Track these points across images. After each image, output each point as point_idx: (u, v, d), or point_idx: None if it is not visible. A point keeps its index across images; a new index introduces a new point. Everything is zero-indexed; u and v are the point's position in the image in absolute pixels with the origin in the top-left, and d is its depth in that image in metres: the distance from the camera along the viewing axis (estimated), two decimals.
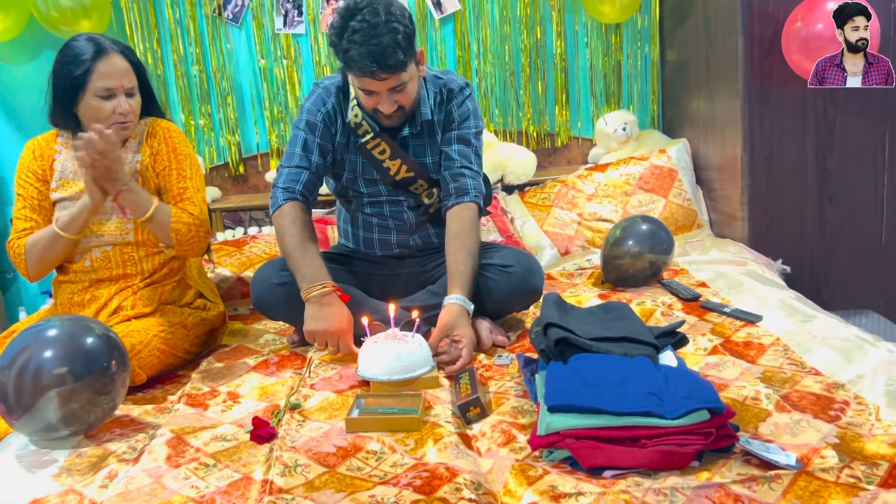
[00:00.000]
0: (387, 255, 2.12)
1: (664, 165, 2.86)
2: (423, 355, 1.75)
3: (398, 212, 2.08)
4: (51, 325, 1.57)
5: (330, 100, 1.99)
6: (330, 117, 1.99)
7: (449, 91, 2.02)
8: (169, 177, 1.97)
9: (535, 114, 3.11)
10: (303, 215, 1.95)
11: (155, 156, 1.97)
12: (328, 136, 2.00)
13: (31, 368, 1.49)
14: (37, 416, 1.50)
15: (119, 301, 1.93)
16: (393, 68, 1.78)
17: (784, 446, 1.33)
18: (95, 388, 1.53)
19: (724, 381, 1.62)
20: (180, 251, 1.95)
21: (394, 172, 2.01)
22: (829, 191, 2.58)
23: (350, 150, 2.03)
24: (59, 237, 1.87)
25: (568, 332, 1.54)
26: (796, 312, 1.99)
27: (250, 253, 2.60)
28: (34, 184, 1.94)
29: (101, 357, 1.54)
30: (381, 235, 2.11)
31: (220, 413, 1.69)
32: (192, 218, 1.93)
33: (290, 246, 1.91)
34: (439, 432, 1.47)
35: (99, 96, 1.85)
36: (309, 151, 1.98)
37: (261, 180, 3.06)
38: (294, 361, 1.96)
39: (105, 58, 1.85)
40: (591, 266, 2.60)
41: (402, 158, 2.00)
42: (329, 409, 1.64)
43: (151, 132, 1.99)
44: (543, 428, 1.36)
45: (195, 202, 1.96)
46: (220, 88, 3.00)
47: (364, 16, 1.74)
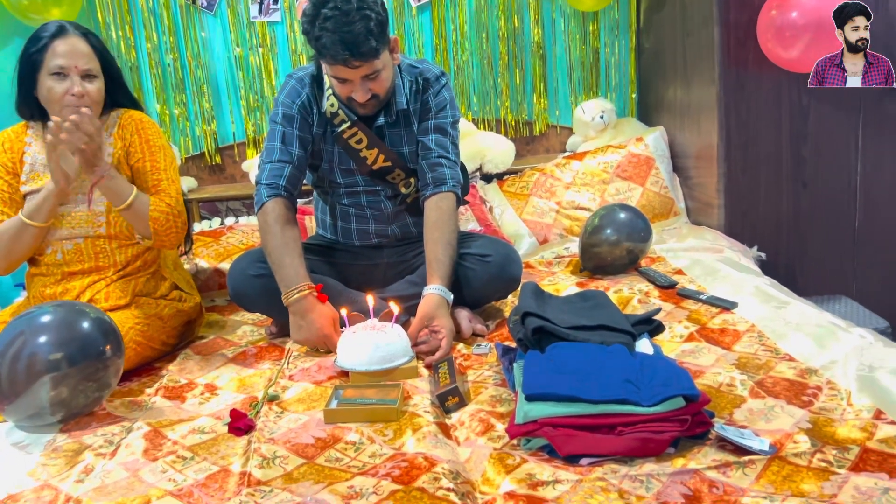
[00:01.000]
0: (365, 246, 2.12)
1: (641, 154, 2.87)
2: (402, 346, 1.75)
3: (375, 202, 2.07)
4: (45, 311, 1.56)
5: (304, 90, 1.98)
6: (306, 108, 1.98)
7: (425, 80, 2.01)
8: (143, 168, 1.94)
9: (513, 102, 3.11)
10: (286, 212, 1.95)
11: (127, 147, 1.94)
12: (306, 126, 1.99)
13: (26, 354, 1.49)
14: (28, 401, 1.50)
15: (92, 294, 1.91)
16: (365, 56, 1.77)
17: (758, 432, 1.35)
18: (87, 374, 1.53)
19: (699, 368, 1.64)
20: (157, 242, 1.93)
21: (371, 162, 2.00)
22: (803, 178, 2.61)
23: (327, 140, 2.02)
24: (27, 226, 1.84)
25: (545, 321, 1.55)
26: (771, 299, 2.01)
27: (227, 244, 2.58)
28: (4, 177, 1.91)
29: (96, 342, 1.55)
30: (358, 225, 2.10)
31: (197, 405, 1.68)
32: (169, 208, 1.91)
33: (270, 245, 1.91)
34: (418, 422, 1.47)
35: (52, 75, 1.81)
36: (289, 144, 1.96)
37: (237, 170, 3.04)
38: (272, 353, 1.96)
39: (63, 37, 1.82)
40: (569, 254, 2.61)
41: (379, 148, 1.99)
42: (308, 401, 1.63)
43: (123, 123, 1.96)
44: (521, 416, 1.37)
45: (171, 193, 1.94)
46: (195, 77, 2.96)
47: (336, 3, 1.73)
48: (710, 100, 2.58)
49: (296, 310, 1.86)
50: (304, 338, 1.87)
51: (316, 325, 1.85)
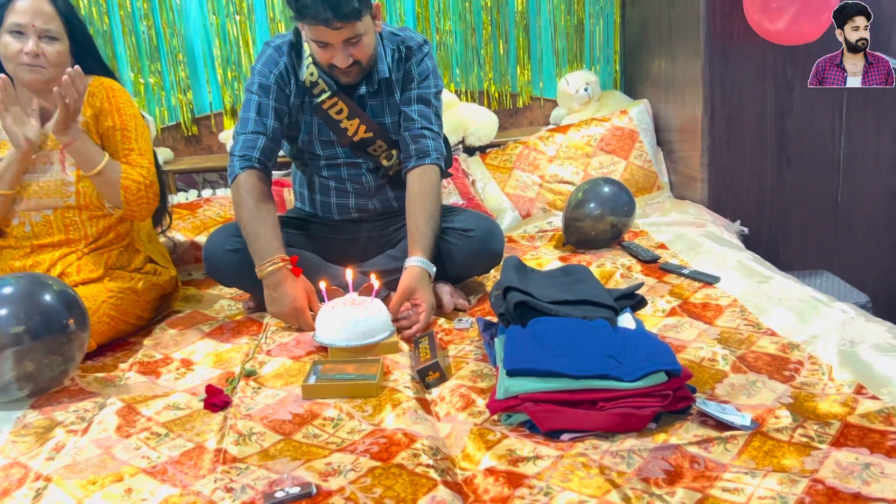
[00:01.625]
0: (345, 220, 2.08)
1: (625, 127, 2.84)
2: (382, 320, 1.72)
3: (356, 175, 2.03)
4: (6, 283, 1.52)
5: (282, 59, 1.93)
6: (283, 78, 1.93)
7: (407, 49, 1.96)
8: (113, 138, 1.89)
9: (496, 73, 3.06)
10: (260, 184, 1.90)
11: (98, 116, 1.89)
12: (283, 97, 1.93)
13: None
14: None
15: (62, 267, 1.86)
16: (347, 17, 1.72)
17: (740, 407, 1.34)
18: (51, 347, 1.49)
19: (681, 343, 1.63)
20: (128, 212, 1.88)
21: (352, 133, 1.96)
22: (787, 152, 2.59)
23: (305, 111, 1.97)
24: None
25: (527, 296, 1.53)
26: (753, 273, 2.00)
27: (204, 216, 2.53)
28: None
29: (59, 314, 1.51)
30: (338, 199, 2.06)
31: (172, 381, 1.65)
32: (141, 177, 1.86)
33: (244, 217, 1.87)
34: (398, 398, 1.45)
35: (9, 32, 1.75)
36: (264, 115, 1.92)
37: (214, 141, 2.97)
38: (250, 327, 1.92)
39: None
40: (552, 228, 2.59)
41: (360, 118, 1.94)
42: (285, 376, 1.61)
43: (93, 91, 1.90)
44: (502, 392, 1.35)
45: (142, 164, 1.89)
46: (171, 45, 2.88)
47: None
48: (695, 72, 2.55)
49: (269, 282, 1.82)
50: (277, 311, 1.83)
51: (289, 298, 1.81)
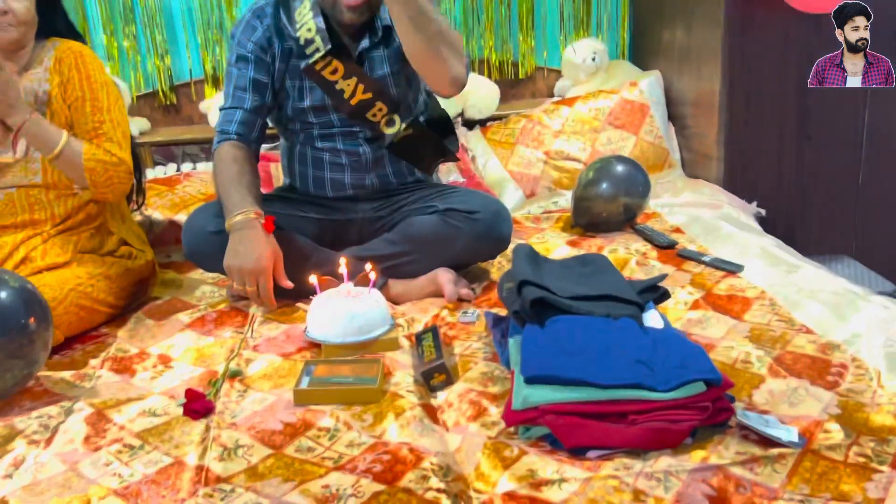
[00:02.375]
0: (339, 197, 1.91)
1: (635, 100, 2.67)
2: (381, 313, 1.57)
3: (353, 145, 1.86)
4: None
5: (264, 22, 1.78)
6: (262, 46, 1.77)
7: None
8: (82, 109, 1.71)
9: (497, 41, 2.88)
10: (237, 152, 1.76)
11: (65, 84, 1.71)
12: (262, 66, 1.78)
13: None
14: None
15: (26, 251, 1.68)
16: None
17: (783, 418, 1.20)
18: (9, 351, 1.32)
19: (709, 341, 1.49)
20: (97, 194, 1.71)
21: (349, 95, 1.78)
22: (807, 129, 2.44)
23: (293, 75, 1.80)
24: None
25: (545, 291, 1.37)
26: (779, 262, 1.86)
27: (184, 193, 2.35)
28: None
29: (16, 314, 1.33)
30: (332, 174, 1.88)
31: (149, 381, 1.49)
32: (108, 155, 1.69)
33: (219, 181, 1.74)
34: (400, 404, 1.30)
35: None
36: (241, 89, 1.78)
37: (195, 110, 2.77)
38: (234, 318, 1.76)
39: None
40: (558, 209, 2.44)
41: (358, 76, 1.77)
42: (274, 377, 1.45)
43: (60, 56, 1.72)
44: (520, 401, 1.20)
45: (113, 138, 1.71)
46: (146, 6, 2.66)
47: None
48: (714, 42, 2.38)
49: (235, 234, 1.64)
50: (238, 265, 1.63)
51: (254, 253, 1.62)
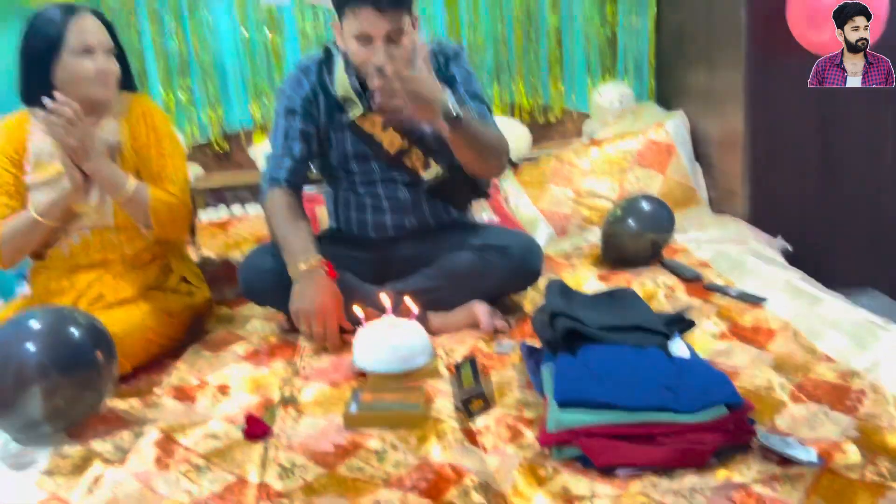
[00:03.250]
0: (381, 238, 2.04)
1: (661, 140, 2.78)
2: (422, 344, 1.68)
3: (393, 190, 1.99)
4: (32, 317, 1.48)
5: (309, 78, 1.92)
6: (309, 99, 1.92)
7: (444, 57, 1.94)
8: (147, 155, 1.87)
9: (527, 86, 3.02)
10: (289, 199, 1.91)
11: (134, 133, 1.87)
12: (309, 119, 1.93)
13: (13, 364, 1.40)
14: (19, 413, 1.42)
15: (99, 288, 1.83)
16: (397, 3, 1.71)
17: (803, 441, 1.28)
18: (81, 383, 1.45)
19: (734, 369, 1.56)
20: (160, 233, 1.86)
21: (387, 144, 1.92)
22: (831, 166, 2.52)
23: (336, 127, 1.94)
24: (38, 223, 1.77)
25: (576, 322, 1.47)
26: (802, 294, 1.93)
27: (236, 234, 2.50)
28: (8, 168, 1.83)
29: (86, 349, 1.46)
30: (374, 217, 2.02)
31: (209, 407, 1.61)
32: (171, 197, 1.84)
33: (275, 226, 1.88)
34: (442, 428, 1.40)
35: (77, 54, 1.75)
36: (290, 139, 1.92)
37: (245, 157, 2.95)
38: (285, 350, 1.88)
39: (79, 15, 1.77)
40: (588, 245, 2.53)
41: (395, 127, 1.91)
42: (325, 403, 1.56)
43: (131, 109, 1.89)
44: (553, 424, 1.30)
45: (175, 181, 1.87)
46: (201, 61, 2.86)
47: None
48: (735, 85, 2.49)
49: (302, 280, 1.78)
50: (306, 308, 1.76)
51: (319, 297, 1.76)
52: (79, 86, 1.77)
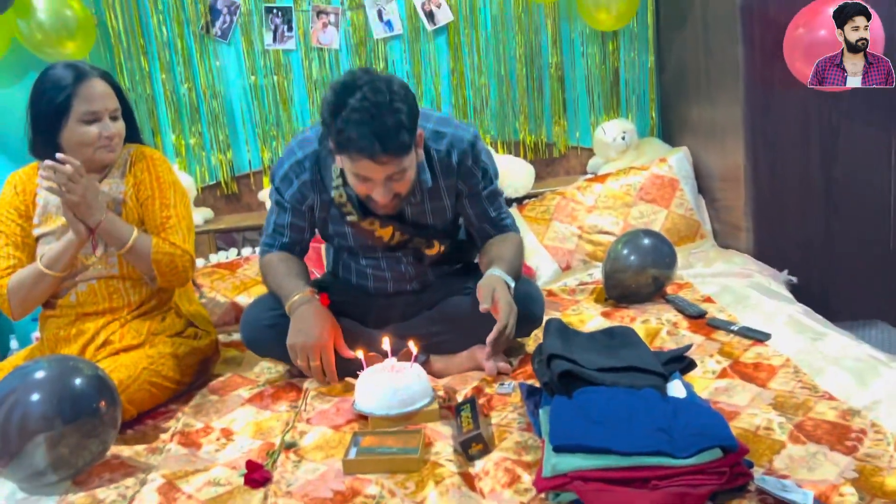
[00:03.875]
0: (381, 293, 2.04)
1: (665, 175, 2.80)
2: (422, 387, 1.69)
3: (396, 264, 1.98)
4: (38, 367, 1.51)
5: (300, 177, 1.84)
6: (300, 198, 1.87)
7: (460, 155, 1.83)
8: (152, 206, 1.91)
9: (531, 124, 3.05)
10: (283, 254, 1.94)
11: (138, 185, 1.92)
12: (299, 214, 1.91)
13: (18, 412, 1.43)
14: (24, 462, 1.45)
15: (106, 335, 1.87)
16: (397, 150, 1.61)
17: (801, 482, 1.27)
18: (84, 431, 1.47)
19: (734, 409, 1.56)
20: (163, 282, 1.90)
21: (387, 239, 1.91)
22: (834, 199, 2.52)
23: (335, 221, 1.91)
24: (45, 275, 1.82)
25: (572, 364, 1.49)
26: (806, 329, 1.93)
27: (244, 276, 2.54)
28: (16, 220, 1.88)
29: (89, 399, 1.49)
30: (376, 283, 2.01)
31: (213, 453, 1.63)
32: (173, 248, 1.88)
33: (271, 279, 1.91)
34: (440, 473, 1.41)
35: (83, 121, 1.81)
36: (280, 226, 1.94)
37: (254, 199, 3.00)
38: (289, 393, 1.90)
39: (86, 81, 1.82)
40: (592, 281, 2.54)
41: (395, 226, 1.88)
42: (326, 448, 1.58)
43: (134, 160, 1.94)
44: (549, 469, 1.30)
45: (178, 231, 1.91)
46: (210, 107, 2.94)
47: (364, 93, 1.57)
48: (736, 120, 2.51)
49: (296, 314, 1.80)
50: (302, 342, 1.77)
51: (315, 330, 1.76)
52: (84, 150, 1.83)
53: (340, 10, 2.89)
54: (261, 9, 2.87)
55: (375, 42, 2.93)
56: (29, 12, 2.58)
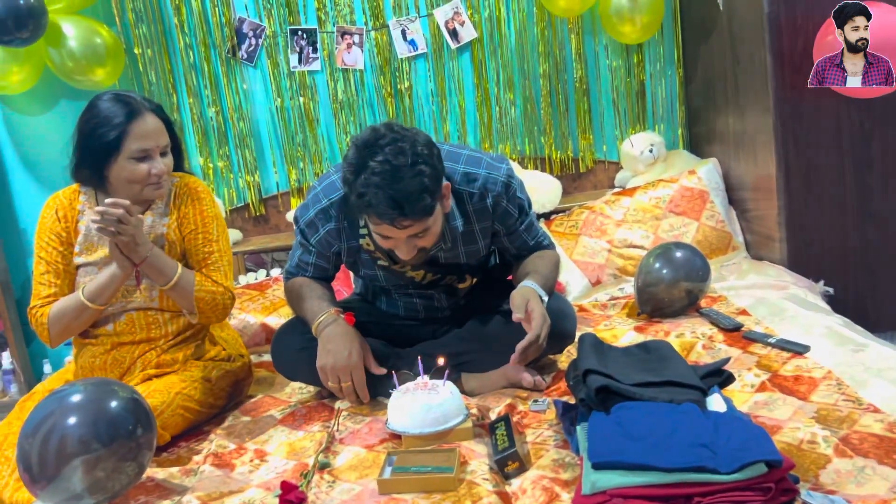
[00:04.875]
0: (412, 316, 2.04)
1: (695, 187, 2.76)
2: (455, 404, 1.67)
3: (428, 298, 1.98)
4: (75, 391, 1.52)
5: (328, 225, 1.81)
6: (326, 245, 1.85)
7: (495, 197, 1.78)
8: (195, 241, 1.90)
9: (557, 139, 3.04)
10: (308, 279, 1.93)
11: (181, 219, 1.91)
12: (325, 258, 1.90)
13: (56, 436, 1.44)
14: (61, 485, 1.44)
15: (142, 365, 1.88)
16: (418, 214, 1.58)
17: (849, 498, 1.23)
18: (121, 455, 1.47)
19: (776, 423, 1.52)
20: (202, 319, 1.90)
21: (419, 279, 1.91)
22: (870, 207, 2.47)
23: (364, 264, 1.89)
24: (87, 307, 1.81)
25: (609, 379, 1.46)
26: (846, 341, 1.88)
27: (273, 296, 2.55)
28: (57, 247, 1.86)
29: (125, 422, 1.48)
30: (407, 312, 2.01)
31: (247, 474, 1.62)
32: (216, 286, 1.87)
33: (297, 303, 1.91)
34: (477, 492, 1.39)
35: (134, 158, 1.78)
36: (305, 264, 1.92)
37: (282, 220, 3.02)
38: (321, 413, 1.89)
39: (139, 119, 1.78)
40: (624, 296, 2.51)
41: (426, 268, 1.87)
42: (360, 468, 1.56)
43: (178, 192, 1.93)
44: (588, 487, 1.27)
45: (220, 268, 1.91)
46: (238, 129, 2.96)
47: (386, 156, 1.54)
48: (766, 129, 2.47)
49: (323, 335, 1.78)
50: (332, 363, 1.76)
51: (344, 351, 1.75)
52: (132, 187, 1.81)
53: (364, 31, 2.91)
54: (286, 31, 2.90)
55: (400, 61, 2.95)
56: (60, 41, 2.63)
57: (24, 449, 1.45)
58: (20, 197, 2.95)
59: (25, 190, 2.94)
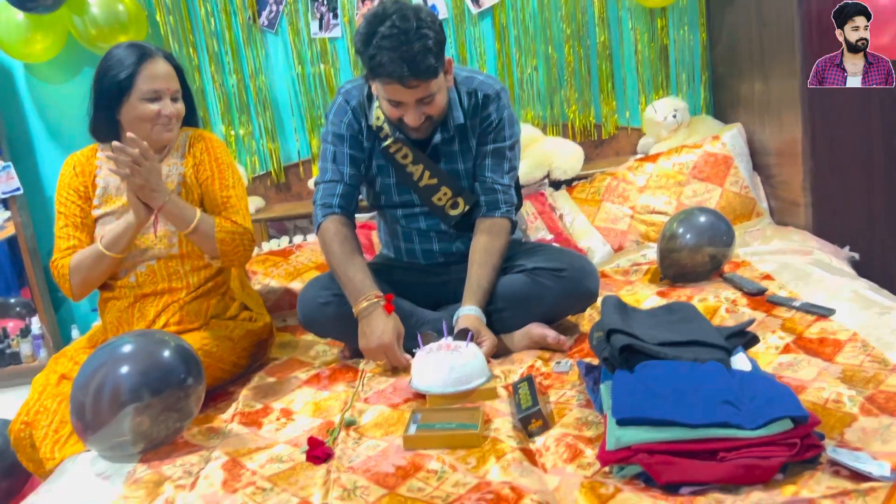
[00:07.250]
0: (432, 263, 2.06)
1: (718, 153, 2.74)
2: (479, 365, 1.68)
3: (435, 222, 2.03)
4: (125, 342, 1.58)
5: (351, 104, 1.95)
6: (353, 125, 1.95)
7: (484, 97, 1.94)
8: (212, 186, 1.94)
9: (580, 105, 3.01)
10: (343, 229, 1.94)
11: (197, 166, 1.95)
12: (356, 144, 1.96)
13: (109, 385, 1.50)
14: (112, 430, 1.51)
15: (166, 318, 1.90)
16: (424, 74, 1.72)
17: (875, 454, 1.23)
18: (168, 404, 1.53)
19: (800, 383, 1.52)
20: (226, 262, 1.93)
21: (417, 178, 1.95)
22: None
23: (377, 154, 1.98)
24: (105, 256, 1.85)
25: (633, 338, 1.46)
26: (872, 304, 1.87)
27: (296, 262, 2.56)
28: (76, 201, 1.92)
29: (177, 371, 1.55)
30: (422, 245, 2.05)
31: (274, 432, 1.65)
32: (235, 227, 1.90)
33: (333, 263, 1.91)
34: (501, 448, 1.41)
35: (145, 99, 1.84)
36: (340, 163, 1.95)
37: (303, 188, 3.03)
38: (346, 374, 1.92)
39: (150, 61, 1.85)
40: (646, 262, 2.50)
41: (425, 164, 1.93)
42: (385, 425, 1.58)
43: (193, 142, 1.97)
44: (613, 442, 1.28)
45: (239, 210, 1.94)
46: (259, 96, 2.97)
47: (393, 21, 1.69)
48: (793, 93, 2.44)
49: (363, 318, 1.84)
50: (365, 345, 1.84)
51: (377, 334, 1.81)
52: (143, 127, 1.85)
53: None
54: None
55: None
56: (83, 8, 2.64)
57: (78, 399, 1.52)
58: (45, 165, 2.98)
59: (51, 158, 2.96)
